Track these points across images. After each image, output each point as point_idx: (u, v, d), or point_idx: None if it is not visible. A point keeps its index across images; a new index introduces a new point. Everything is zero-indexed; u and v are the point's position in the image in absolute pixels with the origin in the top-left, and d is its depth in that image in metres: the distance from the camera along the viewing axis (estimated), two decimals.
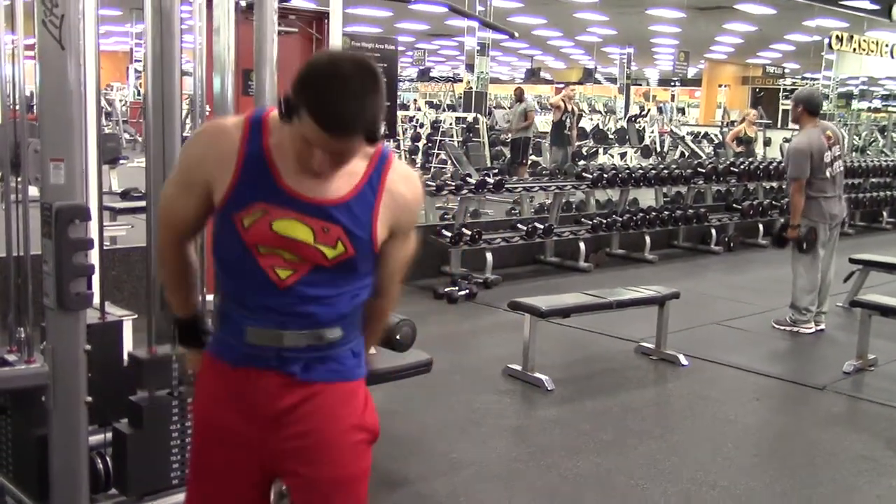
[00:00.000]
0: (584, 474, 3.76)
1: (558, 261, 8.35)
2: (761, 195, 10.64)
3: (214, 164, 1.77)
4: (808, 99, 6.29)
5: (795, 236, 6.10)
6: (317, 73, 1.65)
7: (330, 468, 1.84)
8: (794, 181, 6.06)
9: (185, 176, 1.84)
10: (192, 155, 1.86)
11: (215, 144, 1.79)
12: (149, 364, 2.67)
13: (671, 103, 30.27)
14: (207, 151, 1.80)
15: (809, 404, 4.89)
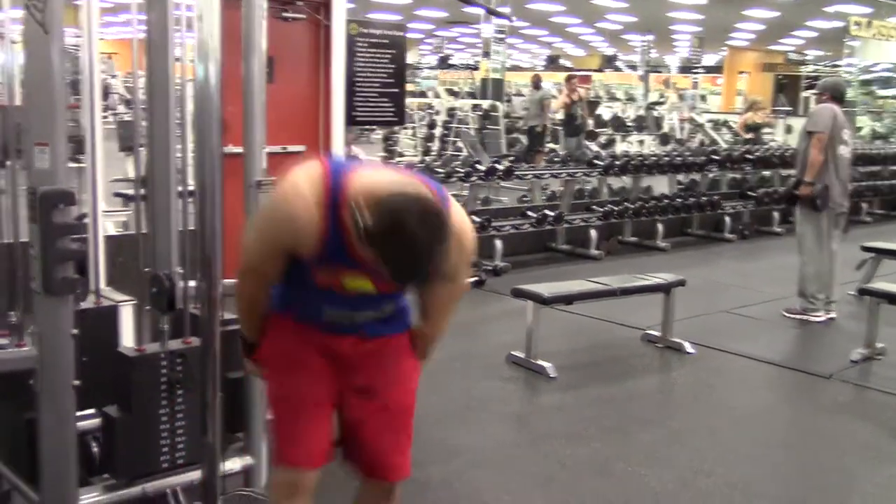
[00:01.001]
0: (583, 461, 3.75)
1: (569, 248, 8.32)
2: (777, 183, 10.54)
3: (298, 237, 2.06)
4: (834, 87, 6.30)
5: (808, 193, 6.00)
6: (387, 232, 1.87)
7: (395, 398, 2.33)
8: (816, 135, 5.97)
9: (271, 247, 2.13)
10: (276, 229, 2.12)
11: (297, 220, 2.03)
12: (137, 361, 2.68)
13: (693, 91, 29.99)
14: (291, 227, 2.05)
15: (815, 393, 4.85)
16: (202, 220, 2.54)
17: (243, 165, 2.82)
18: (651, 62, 27.72)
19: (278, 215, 2.11)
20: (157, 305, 2.72)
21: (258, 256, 2.18)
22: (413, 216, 1.87)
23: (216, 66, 2.46)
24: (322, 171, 2.07)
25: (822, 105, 6.15)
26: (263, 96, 2.75)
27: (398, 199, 1.89)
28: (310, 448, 2.26)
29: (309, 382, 2.27)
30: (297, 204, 2.04)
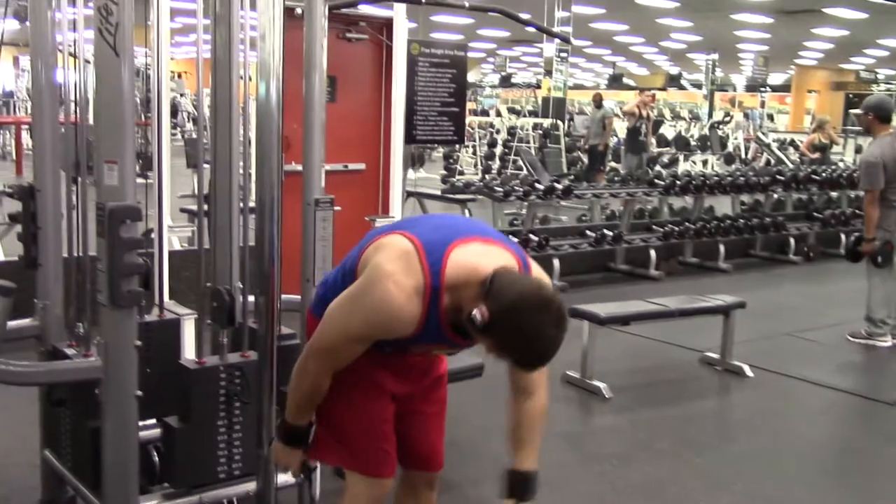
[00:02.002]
0: (635, 483, 3.72)
1: (629, 269, 8.26)
2: (844, 204, 10.33)
3: (395, 334, 2.07)
4: (878, 106, 6.13)
5: (870, 250, 5.91)
6: (518, 335, 1.94)
7: (438, 393, 2.48)
8: (868, 193, 5.88)
9: (367, 338, 2.11)
10: (372, 327, 2.06)
11: (400, 322, 2.02)
12: (197, 374, 2.75)
13: (760, 109, 29.58)
14: (391, 327, 2.04)
15: (879, 420, 4.73)
16: (261, 236, 2.61)
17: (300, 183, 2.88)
18: (716, 81, 27.41)
19: (380, 317, 2.02)
20: (217, 319, 2.79)
21: (344, 344, 2.12)
22: (547, 319, 1.93)
23: (277, 85, 2.52)
24: (420, 256, 2.01)
25: (871, 149, 6.02)
26: (323, 114, 2.81)
27: (527, 304, 1.92)
28: (392, 459, 2.35)
29: (386, 402, 2.32)
30: (401, 305, 1.99)
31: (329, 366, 2.17)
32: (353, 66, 6.27)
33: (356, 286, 2.08)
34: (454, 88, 6.83)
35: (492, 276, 1.96)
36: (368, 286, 2.03)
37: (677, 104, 33.17)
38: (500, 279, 1.95)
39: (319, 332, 2.16)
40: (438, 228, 2.14)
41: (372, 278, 2.03)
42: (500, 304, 1.91)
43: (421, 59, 6.55)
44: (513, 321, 1.91)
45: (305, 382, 2.21)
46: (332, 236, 2.81)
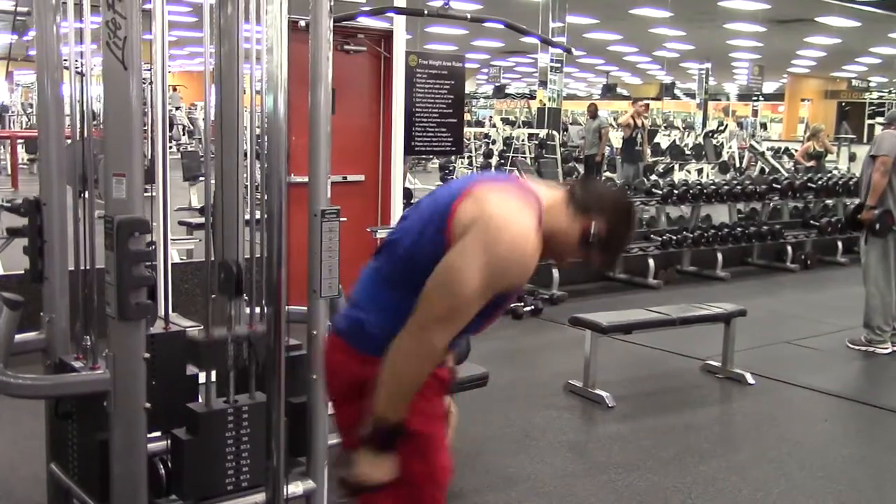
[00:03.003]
0: (640, 491, 3.72)
1: (627, 277, 8.28)
2: (840, 212, 10.36)
3: (527, 274, 1.96)
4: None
5: (870, 218, 5.91)
6: (626, 225, 2.05)
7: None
8: (880, 158, 5.89)
9: (500, 288, 1.92)
10: (514, 270, 1.92)
11: (534, 257, 1.94)
12: (205, 346, 2.74)
13: (753, 118, 29.71)
14: (528, 265, 1.93)
15: (881, 427, 4.75)
16: (269, 248, 2.61)
17: (306, 194, 2.88)
18: (709, 90, 27.53)
19: (517, 258, 1.90)
20: (225, 291, 2.77)
21: (476, 302, 1.90)
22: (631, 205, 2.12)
23: (284, 98, 2.54)
24: (534, 199, 1.99)
25: (888, 130, 6.06)
26: (329, 126, 2.82)
27: (622, 200, 2.08)
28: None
29: (444, 422, 2.21)
30: (534, 243, 1.92)
31: (453, 335, 1.93)
32: (352, 78, 6.29)
33: (481, 236, 1.87)
34: (452, 99, 6.86)
35: (571, 192, 2.04)
36: (498, 230, 1.88)
37: (671, 113, 33.29)
38: (582, 192, 2.03)
39: (441, 296, 1.89)
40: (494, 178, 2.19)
41: (499, 223, 1.89)
42: (611, 212, 2.01)
43: (419, 71, 6.57)
44: (623, 220, 2.04)
45: (427, 362, 1.94)
46: (338, 247, 2.82)
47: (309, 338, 2.82)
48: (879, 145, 5.97)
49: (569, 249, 2.05)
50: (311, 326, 2.81)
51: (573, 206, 2.02)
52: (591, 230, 1.99)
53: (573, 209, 2.02)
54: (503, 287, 1.94)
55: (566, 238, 2.02)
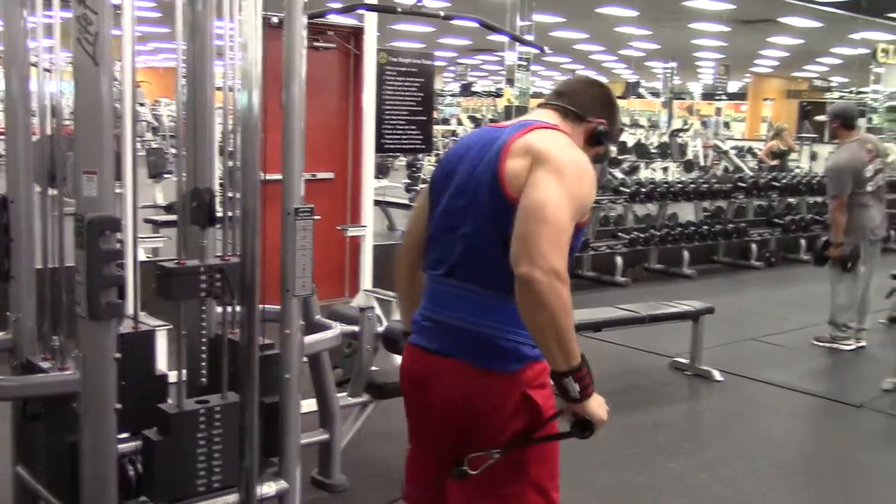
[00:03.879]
0: (611, 489, 3.75)
1: (595, 275, 8.33)
2: (804, 210, 10.51)
3: (594, 192, 2.03)
4: (844, 113, 6.25)
5: (837, 255, 6.01)
6: (616, 109, 2.23)
7: None
8: (835, 198, 5.98)
9: (580, 208, 1.95)
10: (587, 189, 1.98)
11: (593, 175, 2.01)
12: (177, 273, 2.69)
13: (716, 117, 30.00)
14: (592, 184, 2.00)
15: (846, 422, 4.82)
16: (243, 247, 2.59)
17: (275, 192, 2.85)
18: (674, 89, 27.75)
19: (586, 175, 1.97)
20: (197, 220, 2.73)
21: (570, 224, 1.89)
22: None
23: (259, 95, 2.51)
24: (552, 127, 2.09)
25: (839, 154, 6.11)
26: (303, 124, 2.80)
27: (594, 83, 2.26)
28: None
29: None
30: (588, 162, 2.03)
31: (565, 259, 1.87)
32: (321, 75, 6.25)
33: (549, 167, 1.92)
34: (421, 97, 6.85)
35: (562, 109, 2.17)
36: (560, 156, 1.95)
37: (636, 112, 33.51)
38: (570, 102, 2.17)
39: (540, 227, 1.83)
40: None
41: (557, 151, 1.97)
42: (600, 105, 2.18)
43: (388, 68, 6.55)
44: (610, 103, 2.22)
45: (563, 288, 1.83)
46: (312, 245, 2.79)
47: (282, 337, 2.80)
48: (832, 183, 6.01)
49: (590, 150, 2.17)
50: (284, 325, 2.79)
51: (571, 118, 2.16)
52: (596, 130, 2.17)
53: (572, 120, 2.16)
54: (583, 205, 1.95)
55: (581, 150, 2.10)
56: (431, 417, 2.14)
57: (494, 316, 2.00)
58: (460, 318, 2.04)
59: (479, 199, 2.02)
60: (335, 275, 6.40)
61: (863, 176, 5.96)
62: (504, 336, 2.00)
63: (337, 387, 3.62)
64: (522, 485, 2.06)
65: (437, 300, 2.11)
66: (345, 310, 3.99)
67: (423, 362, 2.13)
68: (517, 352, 2.01)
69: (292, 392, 2.82)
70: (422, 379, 2.14)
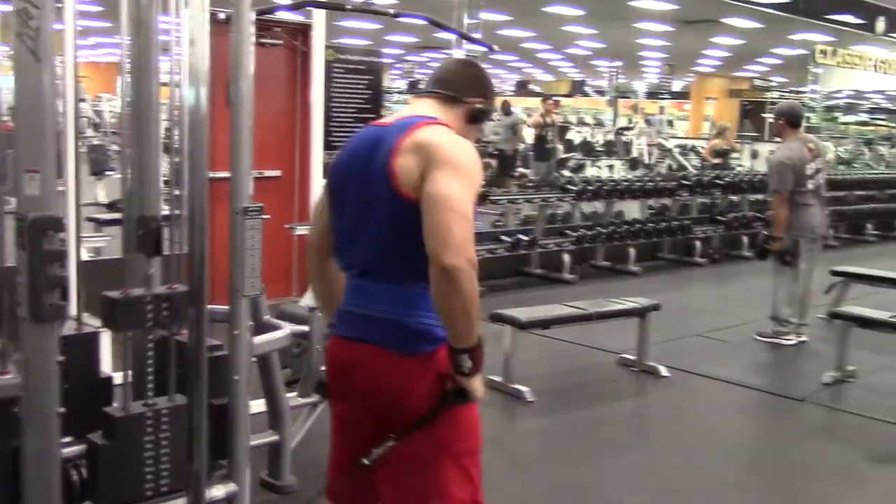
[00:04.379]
0: (562, 485, 3.77)
1: (543, 273, 8.38)
2: (746, 207, 10.70)
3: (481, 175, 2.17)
4: (790, 112, 6.38)
5: (778, 249, 6.14)
6: (489, 83, 2.34)
7: None
8: (777, 193, 6.10)
9: (475, 194, 2.08)
10: (478, 167, 2.13)
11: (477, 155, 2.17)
12: (123, 304, 2.63)
13: (660, 116, 30.41)
14: (480, 170, 2.14)
15: (789, 415, 4.92)
16: (191, 246, 2.54)
17: (221, 190, 2.81)
18: (619, 88, 28.06)
19: (475, 162, 2.12)
20: (143, 248, 2.68)
21: (472, 211, 2.04)
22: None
23: (206, 91, 2.47)
24: (433, 120, 2.19)
25: (781, 151, 6.23)
26: (251, 121, 2.76)
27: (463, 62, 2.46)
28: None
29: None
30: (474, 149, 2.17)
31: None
32: (268, 72, 6.19)
33: (444, 160, 2.05)
34: (370, 95, 6.82)
35: (439, 96, 2.27)
36: (451, 149, 2.08)
37: (581, 110, 33.81)
38: (445, 87, 2.27)
39: (453, 219, 1.97)
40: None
41: (447, 144, 2.09)
42: (472, 83, 2.29)
43: (336, 66, 6.52)
44: (483, 79, 2.33)
45: (475, 276, 1.98)
46: (261, 245, 2.76)
47: (230, 338, 2.76)
48: (775, 178, 6.12)
49: (467, 137, 2.24)
50: (232, 326, 2.75)
51: (450, 102, 2.26)
52: (473, 109, 2.27)
53: (451, 105, 2.26)
54: (476, 185, 2.09)
55: (463, 130, 2.24)
56: (354, 406, 2.24)
57: (406, 302, 2.12)
58: (378, 309, 2.15)
59: (375, 199, 2.13)
60: (283, 274, 6.34)
61: (804, 173, 6.08)
62: (416, 319, 2.11)
63: (286, 387, 3.59)
64: (443, 461, 2.15)
65: (356, 296, 2.22)
66: (294, 309, 3.95)
67: (347, 351, 2.23)
68: (430, 333, 2.11)
69: (241, 394, 2.79)
70: (346, 368, 2.23)
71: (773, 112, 6.71)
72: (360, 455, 2.17)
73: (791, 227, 6.09)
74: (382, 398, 2.15)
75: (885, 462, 4.22)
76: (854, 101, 27.95)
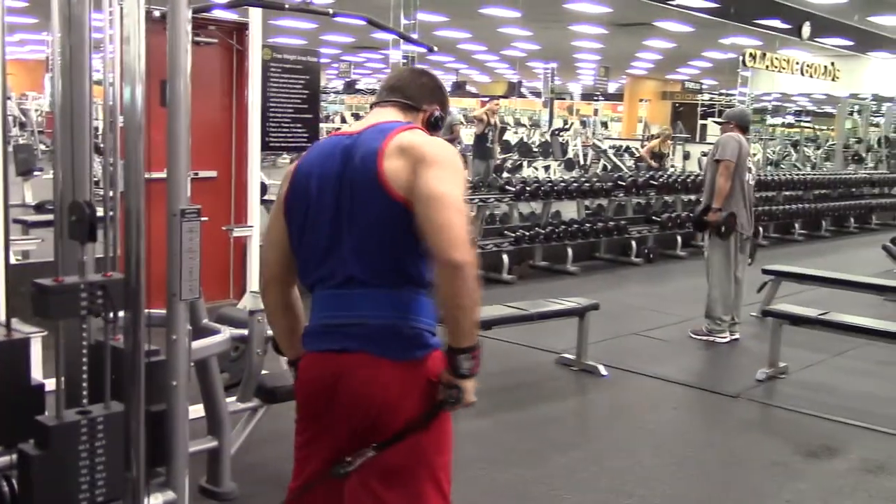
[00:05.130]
0: (504, 486, 3.78)
1: (482, 273, 8.36)
2: (679, 208, 10.89)
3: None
4: (740, 116, 6.59)
5: (716, 220, 6.23)
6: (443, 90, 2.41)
7: None
8: (724, 163, 6.19)
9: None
10: (462, 169, 2.19)
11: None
12: (55, 291, 2.54)
13: (594, 117, 30.79)
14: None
15: (724, 412, 5.01)
16: (127, 248, 2.48)
17: (155, 191, 2.74)
18: (555, 89, 28.32)
19: (459, 162, 2.16)
20: (76, 235, 2.60)
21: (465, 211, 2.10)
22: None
23: (142, 90, 2.41)
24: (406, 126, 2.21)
25: (728, 134, 6.39)
26: (188, 121, 2.70)
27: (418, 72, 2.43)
28: None
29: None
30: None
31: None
32: (201, 71, 6.09)
33: (433, 160, 2.07)
34: (307, 94, 6.76)
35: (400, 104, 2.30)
36: (437, 149, 2.11)
37: (517, 111, 34.04)
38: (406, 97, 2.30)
39: (454, 218, 2.00)
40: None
41: (431, 144, 2.13)
42: (429, 91, 2.33)
43: (273, 65, 6.44)
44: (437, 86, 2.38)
45: (476, 275, 2.02)
46: (199, 248, 2.70)
47: (168, 342, 2.70)
48: (723, 150, 6.28)
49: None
50: (170, 331, 2.69)
51: (409, 110, 2.30)
52: (432, 117, 2.32)
53: (410, 112, 2.30)
54: (465, 190, 2.13)
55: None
56: (337, 420, 2.16)
57: (396, 307, 2.09)
58: (363, 315, 2.10)
59: (359, 206, 2.10)
60: (220, 276, 6.25)
61: (745, 164, 6.24)
62: (407, 324, 2.09)
63: (224, 391, 3.52)
64: (423, 475, 2.14)
65: (334, 306, 2.15)
66: (233, 313, 3.89)
67: (331, 364, 2.15)
68: (420, 339, 2.10)
69: (179, 399, 2.72)
70: (328, 382, 2.15)
71: (724, 116, 6.89)
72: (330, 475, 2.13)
73: (729, 204, 6.21)
74: (367, 410, 2.10)
75: (815, 456, 4.32)
76: (781, 104, 28.74)
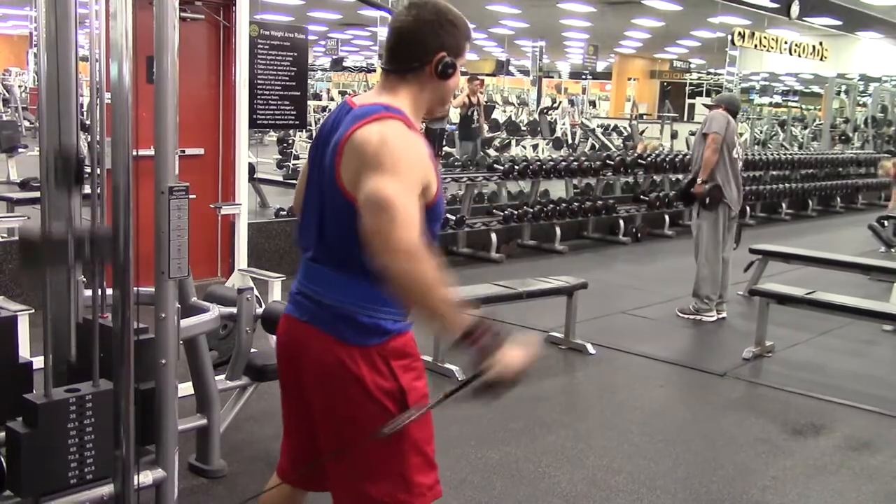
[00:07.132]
0: (493, 463, 3.80)
1: (470, 252, 8.41)
2: (667, 187, 10.90)
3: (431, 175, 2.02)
4: (730, 101, 6.64)
5: (701, 192, 6.26)
6: (458, 22, 2.17)
7: None
8: (711, 135, 6.22)
9: (424, 184, 1.98)
10: (422, 161, 1.99)
11: (420, 142, 2.02)
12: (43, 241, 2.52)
13: (583, 96, 30.71)
14: (423, 153, 2.01)
15: (711, 390, 5.04)
16: (115, 227, 2.46)
17: (142, 168, 2.72)
18: (543, 68, 28.23)
19: (414, 146, 2.00)
20: (63, 180, 2.58)
21: (407, 198, 1.91)
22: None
23: (130, 66, 2.38)
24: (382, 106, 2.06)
25: (717, 111, 6.41)
26: (176, 98, 2.67)
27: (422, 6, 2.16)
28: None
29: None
30: (418, 135, 2.04)
31: (417, 230, 1.92)
32: (188, 48, 6.04)
33: (373, 165, 1.94)
34: (295, 72, 6.71)
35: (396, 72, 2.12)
36: (378, 154, 1.95)
37: (506, 89, 33.93)
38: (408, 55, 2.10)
39: (379, 227, 1.88)
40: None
41: (381, 137, 1.97)
42: (434, 36, 2.10)
43: (260, 42, 6.39)
44: (440, 22, 2.12)
45: (428, 276, 1.90)
46: (187, 226, 2.69)
47: (157, 320, 2.69)
48: (710, 124, 6.31)
49: (438, 96, 2.16)
50: (159, 309, 2.68)
51: (410, 74, 2.10)
52: (439, 67, 2.09)
53: (414, 74, 2.10)
54: (422, 183, 1.97)
55: (431, 92, 2.14)
56: (304, 391, 2.19)
57: (354, 295, 2.08)
58: (326, 295, 2.11)
59: (325, 189, 2.10)
60: (208, 254, 6.23)
61: (733, 140, 6.27)
62: (364, 313, 2.07)
63: (213, 369, 3.52)
64: (407, 448, 2.16)
65: (307, 277, 2.18)
66: (222, 291, 3.88)
67: (296, 331, 2.19)
68: (378, 327, 2.08)
69: (169, 378, 2.72)
70: (295, 348, 2.20)
71: (714, 100, 7.02)
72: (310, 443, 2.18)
73: (715, 177, 6.24)
74: (331, 383, 2.10)
75: (801, 434, 4.36)
76: (769, 83, 28.74)
